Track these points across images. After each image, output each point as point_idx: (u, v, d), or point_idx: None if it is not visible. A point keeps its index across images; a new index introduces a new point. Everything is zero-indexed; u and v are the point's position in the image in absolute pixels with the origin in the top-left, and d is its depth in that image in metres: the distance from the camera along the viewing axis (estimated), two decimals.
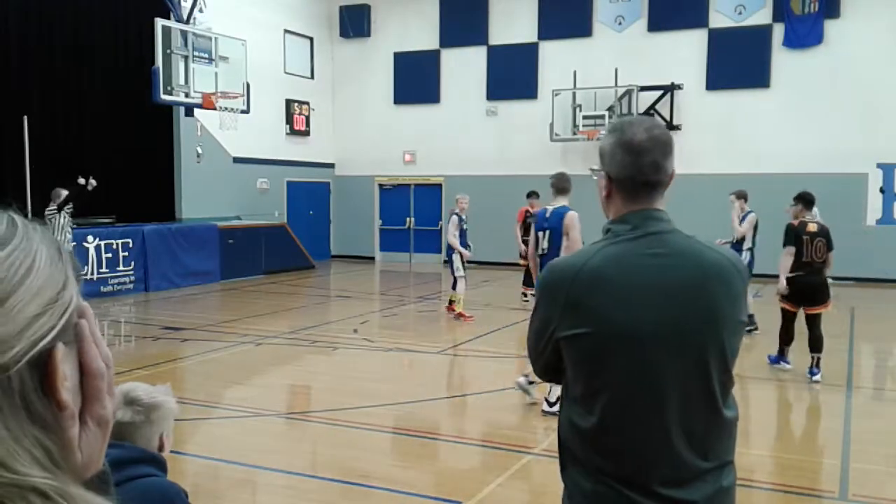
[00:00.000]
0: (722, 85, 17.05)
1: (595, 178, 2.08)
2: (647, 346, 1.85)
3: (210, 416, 6.83)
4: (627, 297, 1.87)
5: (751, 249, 10.24)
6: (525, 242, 11.44)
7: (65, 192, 11.56)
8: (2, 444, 0.57)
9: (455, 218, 11.58)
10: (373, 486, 5.14)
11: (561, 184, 6.80)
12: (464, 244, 11.61)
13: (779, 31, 16.66)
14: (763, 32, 16.79)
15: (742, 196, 10.51)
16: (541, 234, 6.77)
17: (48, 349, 0.61)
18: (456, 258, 11.46)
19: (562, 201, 6.74)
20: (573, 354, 1.93)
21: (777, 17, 16.64)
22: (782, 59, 16.65)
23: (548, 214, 6.76)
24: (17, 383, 0.59)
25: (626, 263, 1.90)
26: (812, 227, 8.05)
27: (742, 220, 10.27)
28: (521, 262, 11.68)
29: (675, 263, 1.90)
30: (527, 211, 12.63)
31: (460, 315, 11.41)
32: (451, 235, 11.51)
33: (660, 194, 1.98)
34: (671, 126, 17.39)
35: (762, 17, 16.81)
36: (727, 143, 16.96)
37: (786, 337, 8.39)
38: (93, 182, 11.95)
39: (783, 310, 8.33)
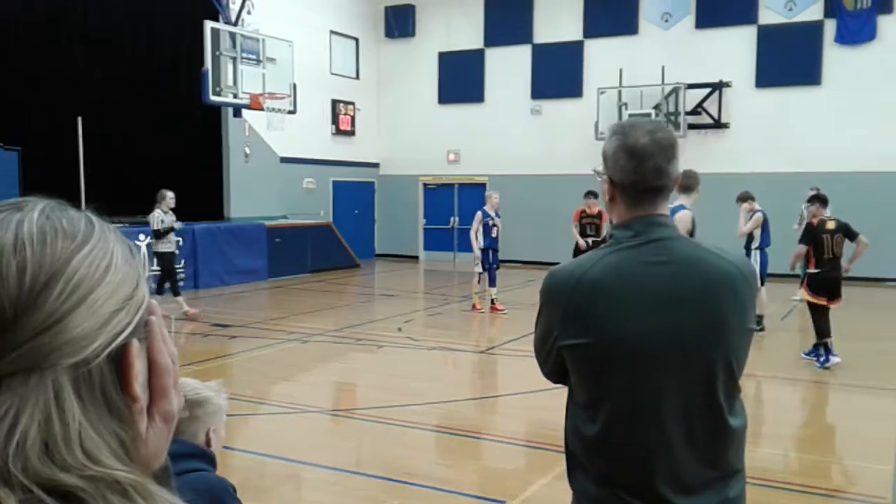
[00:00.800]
0: (772, 82, 16.74)
1: (599, 180, 2.05)
2: (649, 356, 1.83)
3: (257, 411, 6.93)
4: (629, 307, 1.84)
5: (760, 248, 10.35)
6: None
7: (170, 194, 11.45)
8: (87, 436, 0.60)
9: (479, 213, 11.83)
10: (417, 483, 5.18)
11: (684, 181, 6.22)
12: (491, 240, 11.79)
13: (830, 28, 16.30)
14: (814, 28, 16.44)
15: (745, 198, 10.62)
16: None
17: (124, 344, 0.63)
18: (472, 241, 11.97)
19: (682, 200, 6.25)
20: (574, 363, 1.92)
21: (829, 12, 16.28)
22: (834, 56, 16.29)
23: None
24: (98, 376, 0.62)
25: (628, 272, 1.87)
26: (830, 225, 8.55)
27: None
28: None
29: (679, 272, 1.86)
30: (583, 211, 12.62)
31: (475, 307, 12.13)
32: (472, 231, 11.91)
33: (664, 199, 1.94)
34: (719, 124, 17.15)
35: (813, 12, 16.47)
36: (777, 141, 16.65)
37: (825, 329, 8.48)
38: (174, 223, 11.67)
39: (816, 305, 8.50)
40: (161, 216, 11.39)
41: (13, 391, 0.58)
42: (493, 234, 11.92)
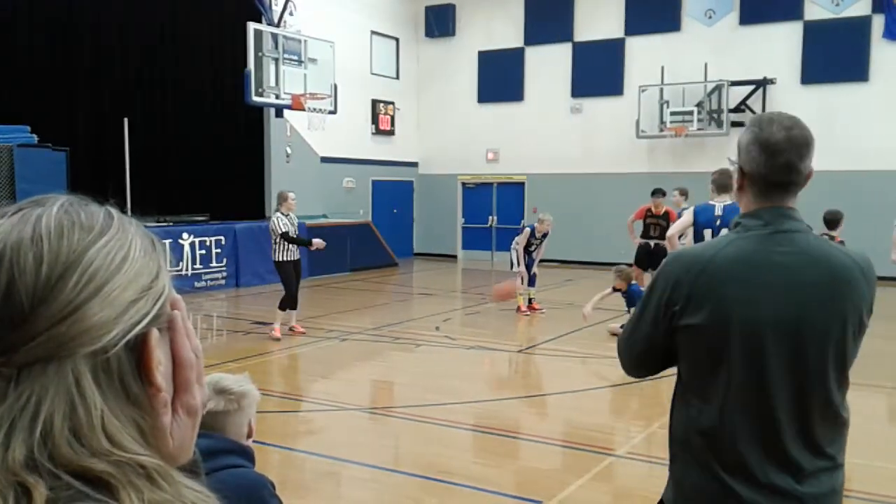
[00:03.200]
0: (818, 79, 16.42)
1: (732, 168, 2.09)
2: (767, 344, 1.87)
3: (297, 409, 7.01)
4: (752, 294, 1.88)
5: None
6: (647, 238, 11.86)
7: (291, 196, 10.14)
8: (110, 422, 0.61)
9: (527, 230, 11.79)
10: (454, 482, 5.19)
11: (723, 180, 6.73)
12: (530, 260, 11.88)
13: (878, 23, 15.94)
14: (862, 24, 16.09)
15: (683, 192, 11.33)
16: (708, 231, 6.62)
17: (143, 334, 0.64)
18: (513, 254, 11.98)
19: (726, 198, 6.66)
20: (691, 346, 1.95)
21: (877, 7, 15.92)
22: (882, 52, 15.93)
23: (719, 212, 6.67)
24: (116, 365, 0.63)
25: (756, 259, 1.91)
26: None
27: (679, 215, 9.98)
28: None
29: (803, 263, 1.90)
30: (648, 210, 12.02)
31: (520, 308, 11.90)
32: (517, 243, 11.86)
33: (793, 194, 1.98)
34: None
35: (861, 7, 16.11)
36: (824, 138, 16.22)
37: None
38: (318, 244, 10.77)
39: None
40: (283, 220, 9.96)
41: (33, 380, 0.59)
42: (533, 256, 11.94)
